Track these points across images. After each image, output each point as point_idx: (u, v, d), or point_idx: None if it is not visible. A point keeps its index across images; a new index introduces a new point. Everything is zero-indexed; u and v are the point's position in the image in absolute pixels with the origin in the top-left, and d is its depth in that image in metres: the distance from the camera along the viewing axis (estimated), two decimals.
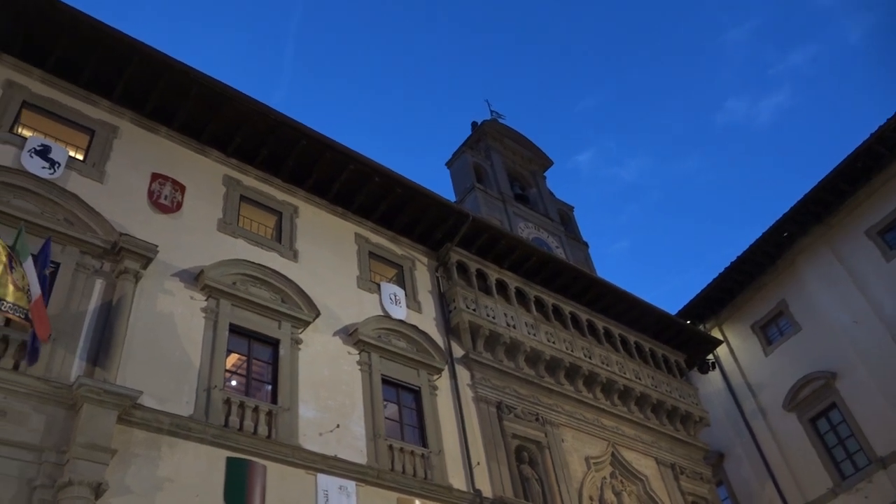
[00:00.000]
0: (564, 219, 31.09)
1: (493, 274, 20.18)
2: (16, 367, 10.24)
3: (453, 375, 16.84)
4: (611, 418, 20.17)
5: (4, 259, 10.01)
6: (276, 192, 17.03)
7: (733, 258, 26.48)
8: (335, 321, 15.39)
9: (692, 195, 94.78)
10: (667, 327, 24.39)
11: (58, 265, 11.67)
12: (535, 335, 19.54)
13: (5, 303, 9.99)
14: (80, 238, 12.34)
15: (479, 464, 15.38)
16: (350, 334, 15.37)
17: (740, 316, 27.22)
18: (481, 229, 20.04)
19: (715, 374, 26.91)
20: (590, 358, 20.62)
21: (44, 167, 12.94)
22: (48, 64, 14.43)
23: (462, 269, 19.54)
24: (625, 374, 21.34)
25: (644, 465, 19.97)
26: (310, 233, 16.88)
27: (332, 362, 14.67)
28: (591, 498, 17.62)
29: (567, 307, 21.66)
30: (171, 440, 11.10)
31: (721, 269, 27.02)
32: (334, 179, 17.68)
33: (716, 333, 27.20)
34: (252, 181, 16.69)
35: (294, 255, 16.00)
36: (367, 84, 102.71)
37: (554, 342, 19.92)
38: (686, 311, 27.96)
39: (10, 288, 10.05)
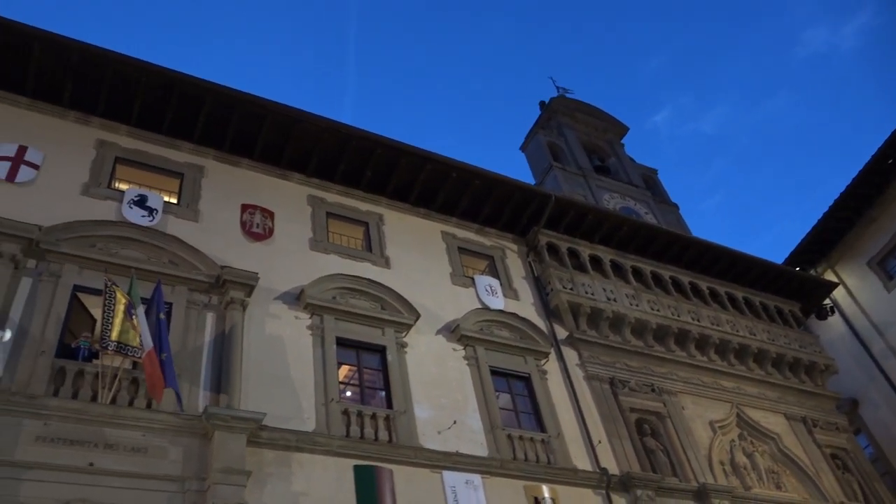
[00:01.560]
0: (649, 183, 30.31)
1: (586, 250, 19.88)
2: (148, 406, 10.86)
3: (560, 357, 16.69)
4: (730, 379, 19.50)
5: (124, 306, 10.64)
6: (360, 204, 17.37)
7: (836, 196, 25.05)
8: (436, 320, 15.55)
9: (781, 137, 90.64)
10: (775, 278, 23.36)
11: (170, 305, 12.28)
12: (637, 306, 19.12)
13: (130, 348, 10.65)
14: (186, 276, 12.97)
15: (600, 442, 15.19)
16: (452, 331, 15.49)
17: (854, 254, 25.70)
18: (566, 207, 19.79)
19: (835, 319, 25.52)
20: (698, 321, 20.00)
21: (143, 216, 13.67)
22: (131, 118, 15.23)
23: (553, 250, 19.35)
24: (738, 331, 20.59)
25: (773, 422, 19.20)
26: (398, 238, 17.13)
27: (440, 361, 14.82)
28: (721, 463, 17.09)
29: (666, 272, 21.09)
30: (299, 456, 11.50)
31: (824, 209, 25.63)
32: (413, 182, 17.86)
33: (829, 276, 25.83)
34: (335, 196, 17.09)
35: (386, 262, 16.27)
36: (431, 82, 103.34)
37: (658, 310, 19.43)
38: (794, 259, 26.67)
39: (132, 333, 10.69)
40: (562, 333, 17.41)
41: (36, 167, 13.40)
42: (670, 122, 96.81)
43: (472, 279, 17.35)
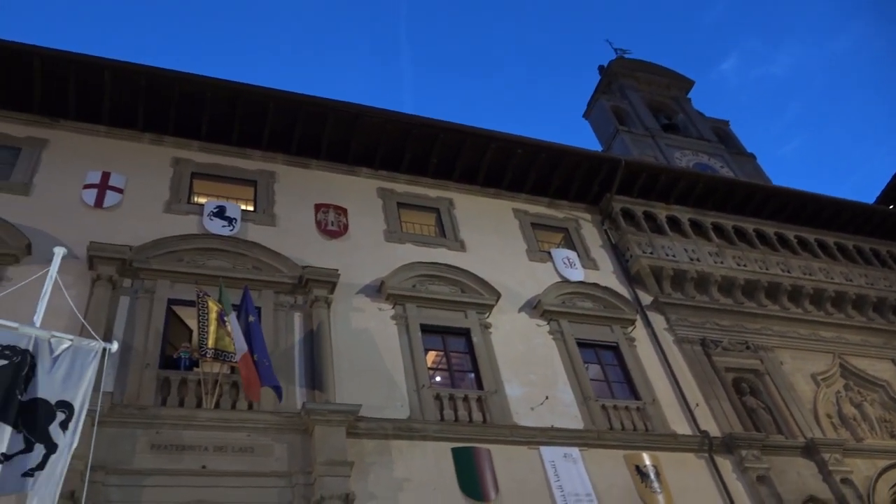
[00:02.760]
0: (722, 136, 29.30)
1: (662, 212, 19.42)
2: (250, 407, 11.28)
3: (647, 323, 16.40)
4: (829, 329, 18.71)
5: (216, 314, 11.06)
6: (429, 191, 17.48)
7: None
8: (517, 298, 15.52)
9: (858, 72, 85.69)
10: (868, 219, 22.23)
11: (259, 309, 12.68)
12: (722, 263, 18.56)
13: (227, 353, 11.08)
14: (271, 280, 13.36)
15: (697, 405, 14.86)
16: (535, 307, 15.43)
17: None
18: (637, 170, 19.37)
19: None
20: (789, 272, 19.26)
21: (223, 226, 14.16)
22: (201, 133, 15.75)
23: (628, 215, 18.98)
24: (832, 279, 19.71)
25: (880, 369, 18.34)
26: (470, 220, 17.16)
27: (525, 338, 14.80)
28: (828, 416, 16.45)
29: (749, 226, 20.38)
30: (397, 443, 11.73)
31: None
32: (479, 163, 17.83)
33: None
34: (404, 186, 17.26)
35: (461, 246, 16.34)
36: (486, 63, 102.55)
37: (745, 265, 18.81)
38: (886, 197, 25.30)
39: (227, 339, 11.11)
40: (646, 299, 17.08)
41: (120, 191, 14.06)
42: (738, 70, 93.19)
43: (549, 253, 17.22)
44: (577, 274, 16.86)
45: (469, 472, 11.69)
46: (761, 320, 17.90)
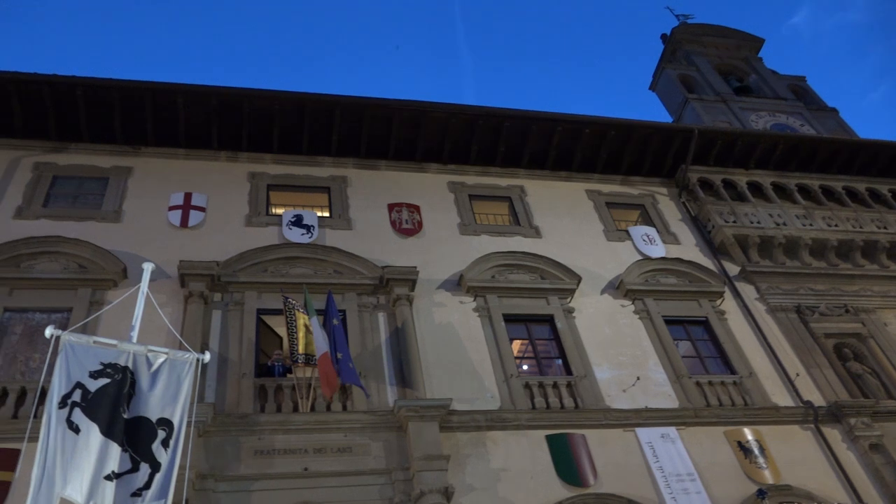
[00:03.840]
0: (799, 93, 28.01)
1: (742, 178, 18.75)
2: (344, 409, 11.54)
3: (737, 294, 15.86)
4: None
5: (303, 322, 11.36)
6: (499, 180, 17.43)
7: None
8: (598, 280, 15.29)
9: None
10: None
11: (343, 311, 12.94)
12: (811, 225, 17.77)
13: (314, 358, 11.34)
14: (352, 282, 13.62)
15: (798, 375, 14.28)
16: (617, 287, 15.17)
17: None
18: (711, 138, 18.74)
19: None
20: (885, 228, 18.26)
21: (302, 234, 14.52)
22: (273, 145, 16.17)
23: (707, 185, 18.42)
24: None
25: None
26: (543, 206, 17.01)
27: (610, 319, 14.57)
28: None
29: (838, 183, 19.43)
30: (491, 434, 11.76)
31: None
32: (547, 148, 17.64)
33: None
34: (474, 178, 17.27)
35: (536, 232, 16.22)
36: (546, 46, 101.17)
37: (836, 225, 17.95)
38: None
39: (315, 345, 11.38)
40: (733, 269, 16.52)
41: (203, 209, 14.60)
42: (811, 21, 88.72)
43: (627, 232, 16.89)
44: (658, 250, 16.47)
45: (565, 458, 11.62)
46: (859, 281, 17.04)
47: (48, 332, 5.56)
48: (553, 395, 12.64)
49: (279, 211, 15.35)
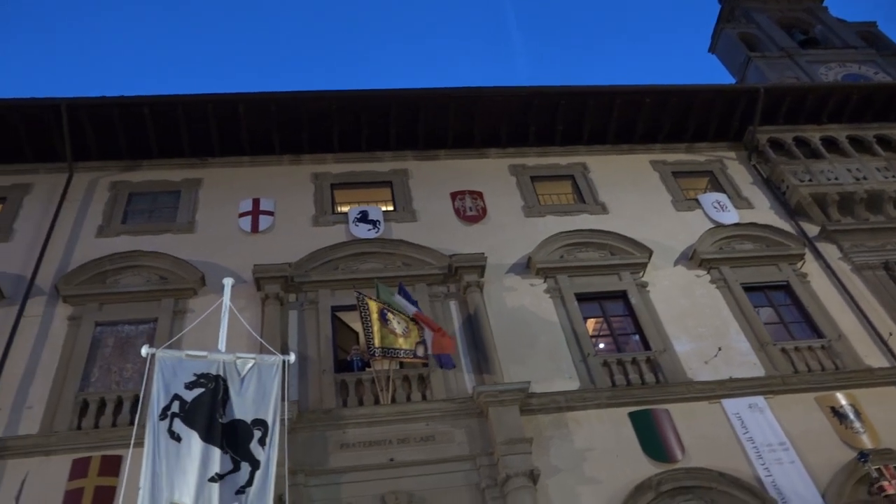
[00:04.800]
0: (870, 39, 26.64)
1: (815, 134, 17.98)
2: (424, 398, 11.66)
3: (818, 255, 15.24)
4: None
5: (377, 314, 11.50)
6: (560, 159, 17.24)
7: None
8: (670, 252, 14.95)
9: None
10: None
11: (415, 302, 13.04)
12: (894, 176, 16.89)
13: (393, 350, 11.48)
14: (422, 273, 13.72)
15: (891, 335, 13.63)
16: (690, 258, 14.80)
17: None
18: (779, 95, 18.04)
19: None
20: None
21: (369, 229, 14.72)
22: (333, 145, 16.42)
23: (777, 145, 17.74)
24: None
25: None
26: (607, 181, 16.73)
27: (686, 291, 14.23)
28: None
29: None
30: (572, 415, 11.68)
31: None
32: (607, 121, 17.33)
33: None
34: (534, 159, 17.13)
35: (602, 208, 15.97)
36: (597, 18, 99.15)
37: None
38: None
39: (392, 337, 11.52)
40: (812, 230, 15.88)
41: (271, 213, 14.97)
42: None
43: (697, 200, 16.44)
44: (731, 216, 15.97)
45: (651, 434, 11.43)
46: None
47: (144, 351, 5.91)
48: (633, 372, 12.45)
49: (344, 209, 15.58)
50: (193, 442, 5.57)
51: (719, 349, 12.97)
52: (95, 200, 15.10)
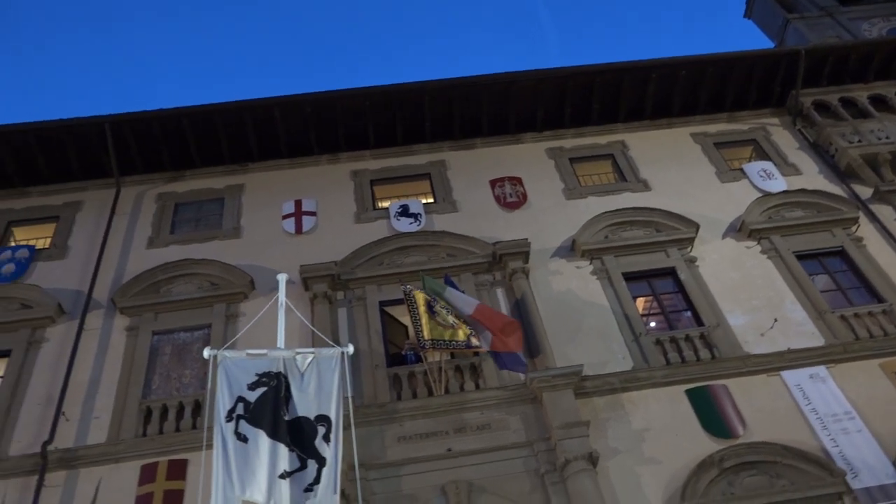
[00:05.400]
0: None
1: (862, 93, 17.43)
2: (477, 387, 11.67)
3: (874, 218, 14.76)
4: None
5: (425, 307, 11.52)
6: (598, 139, 17.03)
7: None
8: (717, 224, 14.65)
9: None
10: None
11: (462, 293, 13.02)
12: None
13: (442, 342, 11.47)
14: (466, 263, 13.71)
15: None
16: (739, 230, 14.48)
17: None
18: (821, 57, 17.51)
19: None
20: None
21: (410, 223, 14.76)
22: (369, 142, 16.50)
23: (823, 107, 17.25)
24: None
25: None
26: (647, 157, 16.48)
27: (736, 264, 13.94)
28: None
29: None
30: (627, 395, 11.57)
31: None
32: (643, 97, 17.06)
33: None
34: (572, 141, 16.96)
35: (645, 185, 15.74)
36: None
37: None
38: None
39: (440, 329, 11.52)
40: (865, 192, 15.38)
41: (314, 214, 15.13)
42: None
43: (742, 170, 16.07)
44: (778, 184, 15.57)
45: (709, 411, 11.25)
46: None
47: (206, 353, 6.02)
48: (687, 349, 12.26)
49: (385, 204, 15.66)
50: (261, 441, 5.67)
51: (775, 320, 12.69)
52: (144, 213, 15.47)
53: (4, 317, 13.09)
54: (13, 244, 15.02)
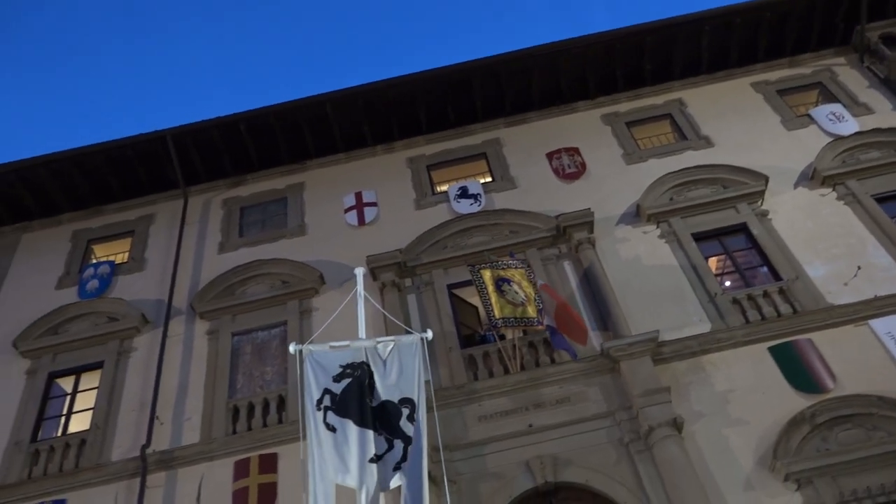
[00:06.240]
0: None
1: None
2: (552, 361, 11.63)
3: None
4: None
5: (493, 287, 11.52)
6: (653, 99, 16.65)
7: None
8: (788, 174, 14.10)
9: None
10: None
11: (528, 264, 12.91)
12: None
13: (513, 319, 11.44)
14: (530, 238, 13.64)
15: None
16: (811, 178, 13.91)
17: None
18: None
19: None
20: None
21: (471, 204, 14.76)
22: (422, 127, 16.55)
23: (892, 41, 16.30)
24: None
25: None
26: (707, 113, 16.00)
27: (811, 213, 13.41)
28: None
29: None
30: (708, 358, 11.31)
31: None
32: (698, 50, 16.53)
33: None
34: (626, 104, 16.62)
35: (707, 142, 15.29)
36: None
37: None
38: None
39: (511, 307, 11.50)
40: None
41: (374, 204, 15.30)
42: None
43: (809, 115, 15.41)
44: (850, 126, 14.87)
45: (795, 367, 10.90)
46: None
47: (292, 348, 6.23)
48: (766, 305, 11.88)
49: (444, 188, 15.70)
50: (349, 429, 5.84)
51: (858, 268, 12.16)
52: (212, 219, 15.95)
53: (94, 330, 13.75)
54: (94, 261, 15.70)
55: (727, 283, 12.96)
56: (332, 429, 5.82)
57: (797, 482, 9.60)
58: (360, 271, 6.93)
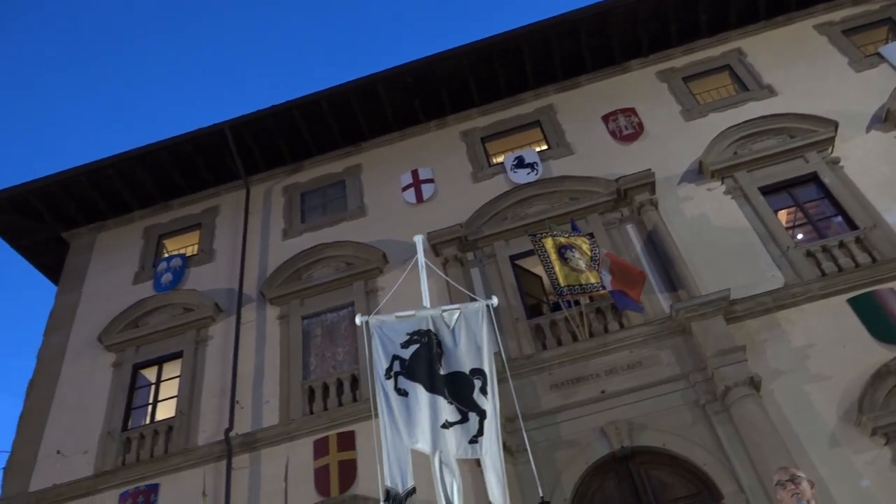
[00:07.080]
0: None
1: None
2: (621, 326, 11.51)
3: None
4: None
5: (556, 253, 11.43)
6: (710, 51, 16.09)
7: None
8: (858, 118, 13.46)
9: None
10: None
11: (591, 235, 12.79)
12: None
13: (578, 286, 11.33)
14: (591, 204, 13.44)
15: None
16: (885, 120, 13.24)
17: None
18: None
19: None
20: None
21: (528, 173, 14.62)
22: (474, 99, 16.43)
23: None
24: None
25: None
26: (768, 60, 15.37)
27: (886, 157, 12.78)
28: None
29: None
30: (784, 314, 10.98)
31: None
32: None
33: None
34: (681, 59, 16.14)
35: (769, 91, 14.72)
36: None
37: None
38: None
39: (575, 274, 11.38)
40: None
41: (431, 181, 15.31)
42: None
43: (878, 54, 14.63)
44: None
45: (878, 317, 10.48)
46: None
47: (358, 320, 6.23)
48: (842, 256, 11.44)
49: (499, 159, 15.59)
50: (420, 393, 5.81)
51: None
52: (274, 207, 16.26)
53: (172, 322, 14.27)
54: (166, 255, 16.25)
55: (799, 236, 12.53)
56: (403, 393, 5.82)
57: (885, 436, 9.29)
58: (419, 238, 6.91)
